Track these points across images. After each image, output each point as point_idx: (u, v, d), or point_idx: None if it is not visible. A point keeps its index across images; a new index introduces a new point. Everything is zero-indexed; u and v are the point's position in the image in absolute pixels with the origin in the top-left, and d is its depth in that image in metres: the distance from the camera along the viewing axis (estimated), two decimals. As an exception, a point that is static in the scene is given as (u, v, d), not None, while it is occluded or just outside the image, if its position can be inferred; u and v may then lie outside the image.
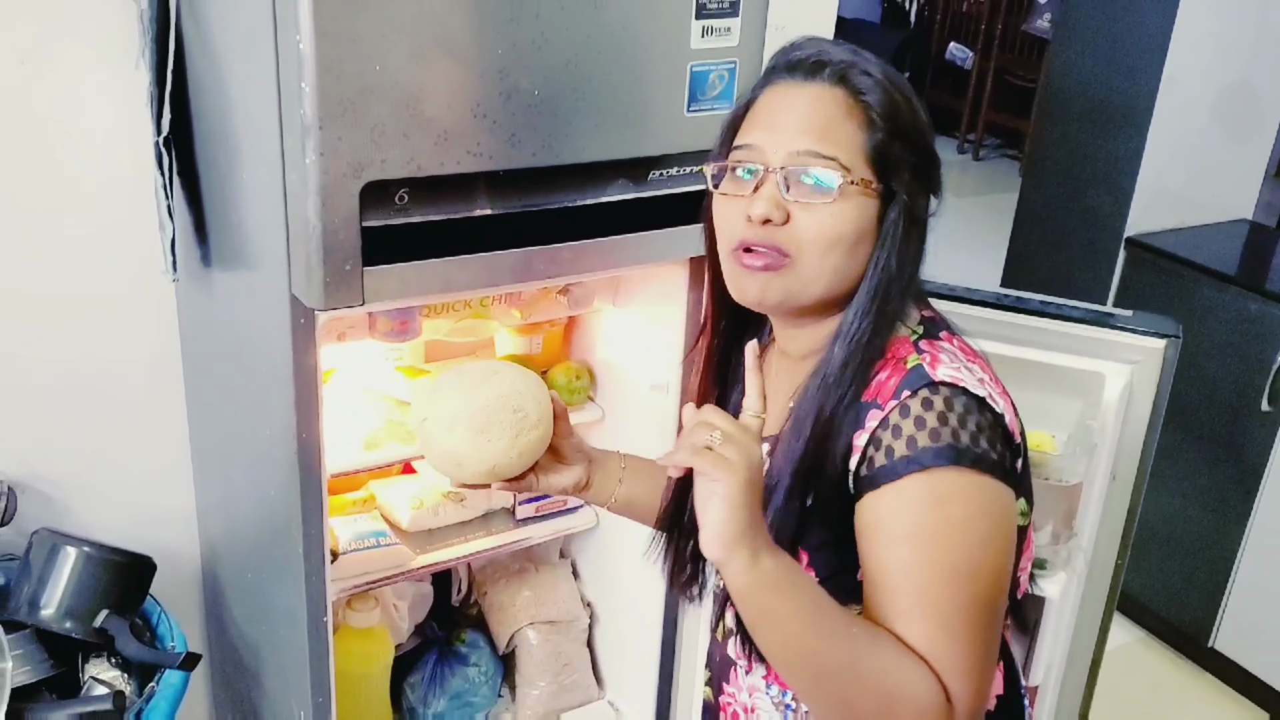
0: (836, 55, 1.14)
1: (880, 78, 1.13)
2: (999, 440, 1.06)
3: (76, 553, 1.79)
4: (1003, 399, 1.10)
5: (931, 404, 1.05)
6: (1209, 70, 2.91)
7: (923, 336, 1.14)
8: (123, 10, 1.72)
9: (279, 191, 1.40)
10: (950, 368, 1.08)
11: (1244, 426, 2.77)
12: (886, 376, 1.10)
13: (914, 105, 1.16)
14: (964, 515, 1.04)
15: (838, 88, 1.12)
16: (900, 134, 1.13)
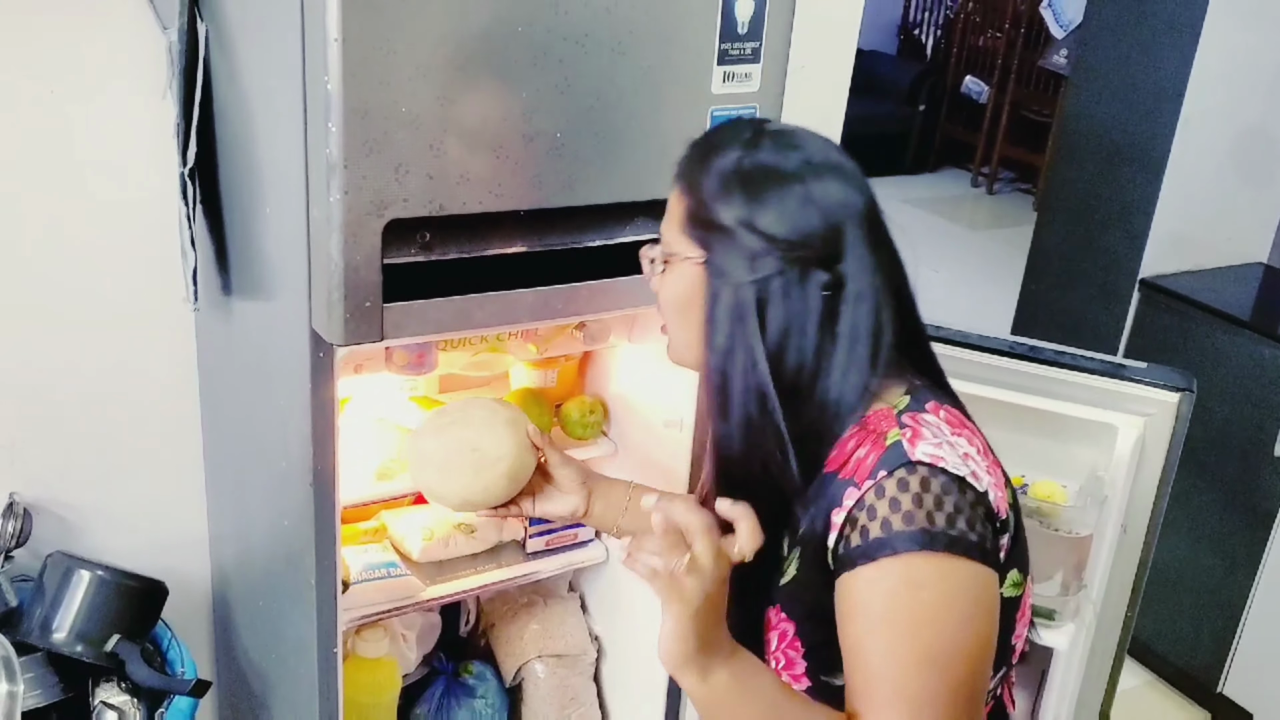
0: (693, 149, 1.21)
1: (712, 157, 1.15)
2: (979, 520, 1.05)
3: (90, 576, 1.80)
4: (990, 474, 1.09)
5: (907, 485, 1.05)
6: (1226, 113, 2.93)
7: (907, 409, 1.13)
8: (152, 41, 1.75)
9: (302, 227, 1.41)
10: (931, 445, 1.07)
11: (1255, 472, 2.76)
12: (865, 453, 1.10)
13: (726, 168, 1.14)
14: (939, 602, 1.03)
15: (680, 178, 1.21)
16: (709, 206, 1.14)
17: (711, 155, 1.16)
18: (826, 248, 1.10)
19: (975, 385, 1.61)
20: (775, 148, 1.13)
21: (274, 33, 1.42)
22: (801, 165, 1.12)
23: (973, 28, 7.49)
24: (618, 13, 1.42)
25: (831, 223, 1.10)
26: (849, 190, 1.12)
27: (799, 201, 1.10)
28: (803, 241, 1.10)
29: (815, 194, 1.10)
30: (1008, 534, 1.09)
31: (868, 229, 1.12)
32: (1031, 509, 1.54)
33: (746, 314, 1.12)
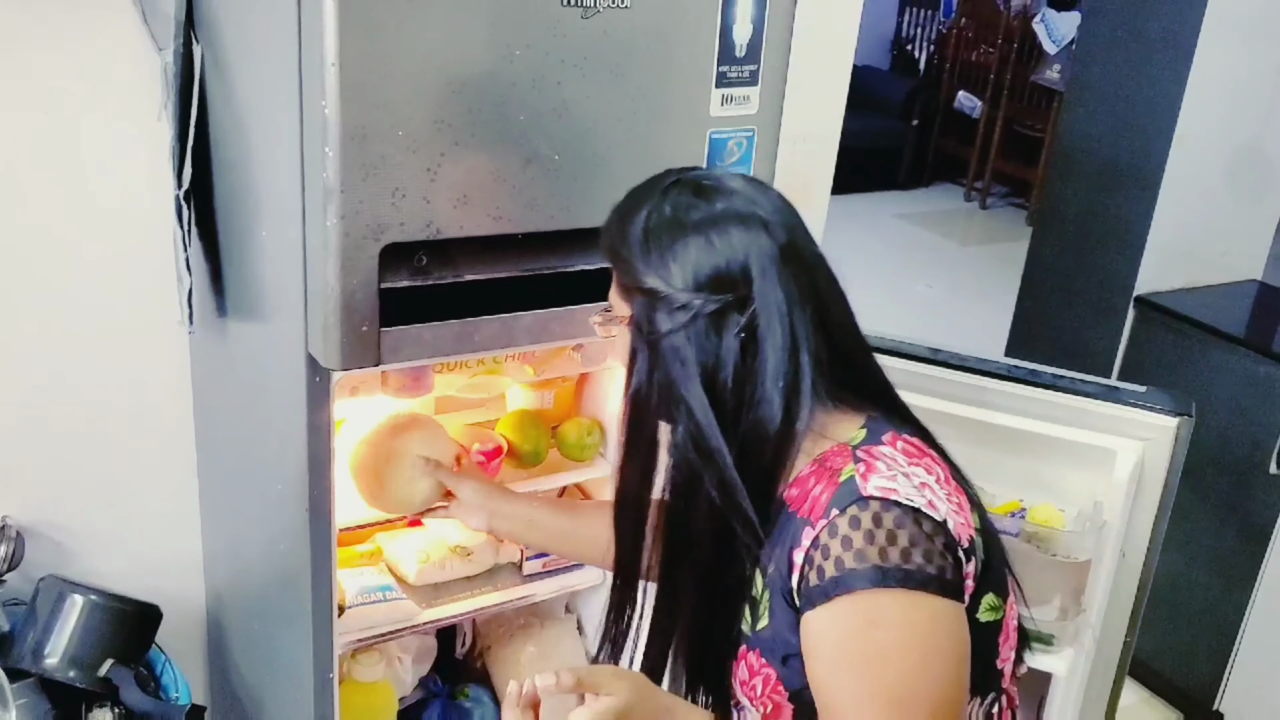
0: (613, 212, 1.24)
1: (626, 219, 1.19)
2: (938, 551, 1.04)
3: (83, 601, 1.79)
4: (949, 502, 1.08)
5: (859, 522, 1.05)
6: (1220, 130, 2.93)
7: (862, 443, 1.13)
8: (147, 62, 1.74)
9: (298, 251, 1.41)
10: (884, 478, 1.08)
11: (1252, 489, 2.76)
12: (820, 491, 1.11)
13: (636, 228, 1.17)
14: (897, 639, 1.04)
15: (602, 242, 1.25)
16: (625, 267, 1.18)
17: (625, 217, 1.19)
18: (737, 292, 1.12)
19: (974, 409, 1.61)
20: (681, 202, 1.15)
21: (270, 56, 1.42)
22: (704, 216, 1.14)
23: (965, 43, 7.51)
24: (615, 36, 1.42)
25: (738, 267, 1.12)
26: (756, 233, 1.13)
27: (702, 251, 1.12)
28: (711, 289, 1.12)
29: (718, 242, 1.12)
30: (974, 560, 1.09)
31: (782, 268, 1.12)
32: (1030, 534, 1.53)
33: (667, 365, 1.14)
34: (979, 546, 1.10)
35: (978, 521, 1.12)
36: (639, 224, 1.16)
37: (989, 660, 1.16)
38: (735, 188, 1.16)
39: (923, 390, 1.61)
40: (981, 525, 1.13)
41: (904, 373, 1.62)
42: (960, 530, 1.07)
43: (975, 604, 1.11)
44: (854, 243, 5.94)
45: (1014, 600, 1.21)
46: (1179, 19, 2.81)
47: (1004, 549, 1.20)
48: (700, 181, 1.17)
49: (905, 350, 1.63)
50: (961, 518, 1.09)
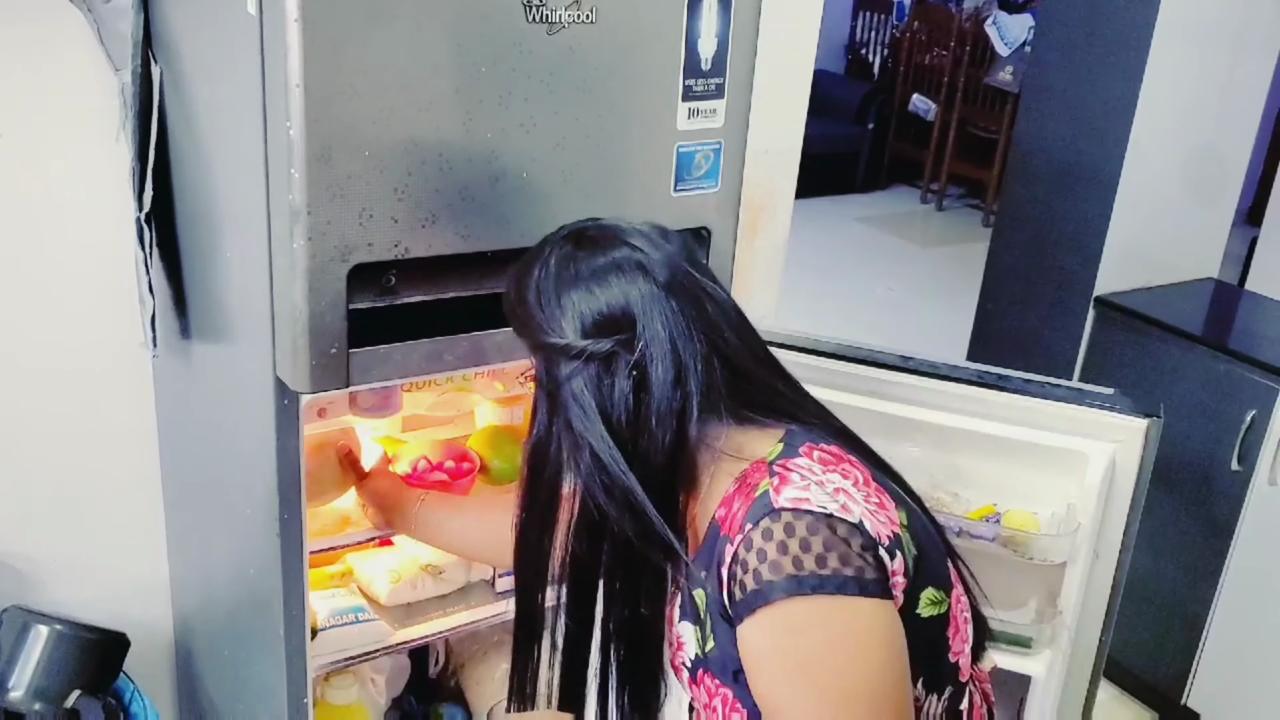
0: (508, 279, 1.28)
1: (519, 283, 1.23)
2: (854, 553, 1.06)
3: (48, 631, 1.76)
4: (865, 503, 1.10)
5: (771, 534, 1.08)
6: (1175, 132, 2.97)
7: (779, 456, 1.16)
8: (104, 83, 1.71)
9: (264, 273, 1.39)
10: (797, 488, 1.10)
11: (1214, 485, 2.80)
12: (738, 508, 1.14)
13: (527, 289, 1.21)
14: (822, 644, 1.06)
15: (504, 306, 1.29)
16: (523, 327, 1.23)
17: (518, 278, 1.24)
18: (624, 333, 1.16)
19: (944, 414, 1.61)
20: (563, 257, 1.20)
21: (232, 77, 1.40)
22: (585, 267, 1.18)
23: (919, 46, 7.57)
24: (581, 51, 1.42)
25: (620, 310, 1.16)
26: (634, 276, 1.17)
27: (585, 300, 1.17)
28: (599, 334, 1.16)
29: (598, 290, 1.17)
30: (900, 556, 1.10)
31: (665, 304, 1.16)
32: (1005, 538, 1.54)
33: (567, 411, 1.18)
34: (906, 542, 1.12)
35: (904, 518, 1.14)
36: (529, 284, 1.21)
37: (939, 654, 1.18)
38: (617, 235, 1.20)
39: (893, 398, 1.62)
40: (909, 522, 1.15)
41: (875, 380, 1.62)
42: (879, 529, 1.09)
43: (914, 600, 1.13)
44: (814, 246, 5.96)
45: (961, 593, 1.22)
46: (1132, 22, 2.85)
47: (945, 542, 1.23)
48: (583, 234, 1.22)
49: (876, 359, 1.64)
50: (882, 516, 1.11)
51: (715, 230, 1.63)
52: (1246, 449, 2.70)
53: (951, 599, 1.19)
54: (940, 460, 1.58)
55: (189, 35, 1.53)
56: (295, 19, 1.23)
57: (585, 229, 1.23)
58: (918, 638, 1.13)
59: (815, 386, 1.63)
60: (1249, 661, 2.82)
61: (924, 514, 1.22)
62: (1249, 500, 2.74)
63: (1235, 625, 2.83)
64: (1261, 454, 2.69)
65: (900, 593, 1.11)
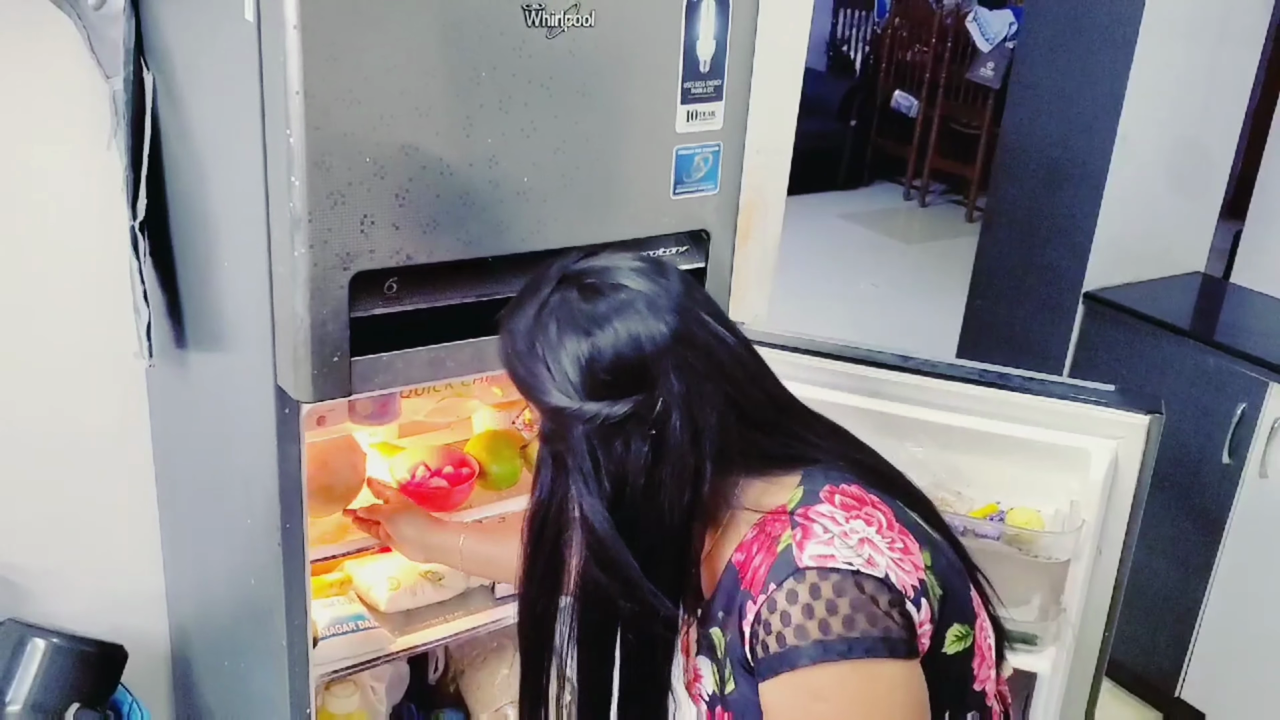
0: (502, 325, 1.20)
1: (506, 333, 1.16)
2: (881, 613, 1.04)
3: (45, 644, 1.75)
4: (890, 550, 1.07)
5: (796, 596, 1.05)
6: (1162, 127, 2.98)
7: (800, 503, 1.12)
8: (94, 91, 1.70)
9: (264, 282, 1.38)
10: (820, 543, 1.06)
11: (1205, 479, 2.81)
12: (760, 561, 1.10)
13: (527, 345, 1.13)
14: (842, 711, 1.04)
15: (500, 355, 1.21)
16: (514, 380, 1.17)
17: (515, 331, 1.15)
18: (638, 393, 1.09)
19: (945, 414, 1.61)
20: (566, 313, 1.11)
21: (229, 84, 1.39)
22: (591, 321, 1.10)
23: (900, 43, 7.59)
24: (581, 55, 1.41)
25: (633, 369, 1.09)
26: (647, 327, 1.09)
27: (595, 360, 1.09)
28: (611, 396, 1.09)
29: (609, 348, 1.09)
30: (927, 602, 1.08)
31: (678, 358, 1.10)
32: (1010, 536, 1.54)
33: (569, 478, 1.13)
34: (931, 586, 1.10)
35: (928, 558, 1.11)
36: (530, 339, 1.13)
37: (965, 686, 1.16)
38: (620, 280, 1.12)
39: (894, 397, 1.62)
40: (933, 562, 1.11)
41: (875, 380, 1.62)
42: (904, 580, 1.07)
43: (940, 639, 1.11)
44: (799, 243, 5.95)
45: (985, 620, 1.20)
46: (1119, 17, 2.86)
47: (969, 565, 1.20)
48: (583, 280, 1.13)
49: (875, 359, 1.64)
50: (907, 564, 1.08)
51: (714, 233, 1.63)
52: (1237, 442, 2.72)
53: (975, 629, 1.16)
54: (942, 459, 1.58)
55: (183, 42, 1.52)
56: (294, 25, 1.22)
57: (582, 273, 1.14)
58: (943, 676, 1.11)
59: (815, 387, 1.64)
60: (1242, 654, 2.83)
61: (947, 541, 1.19)
62: (1240, 493, 2.76)
63: (1228, 618, 2.84)
64: (1252, 447, 2.70)
65: (927, 639, 1.09)
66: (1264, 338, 2.87)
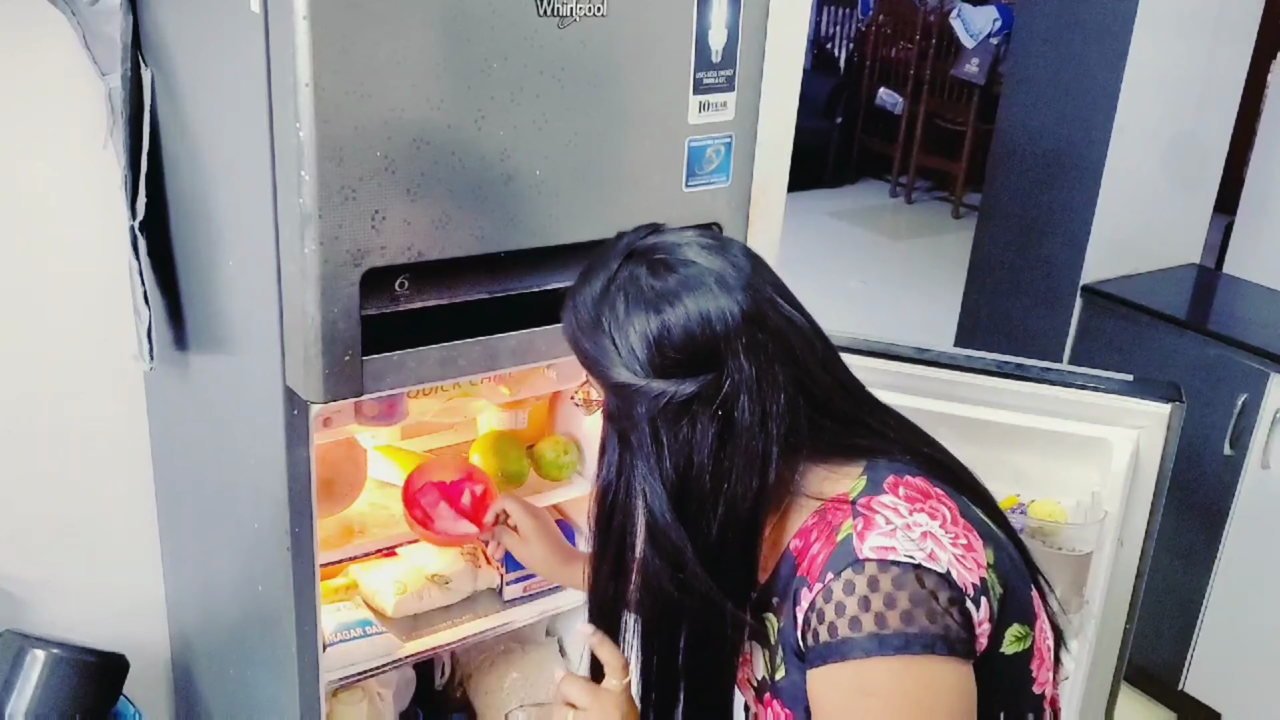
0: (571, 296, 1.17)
1: (571, 306, 1.14)
2: (940, 610, 1.01)
3: (46, 655, 1.71)
4: (953, 546, 1.05)
5: (853, 587, 1.02)
6: (1157, 119, 2.97)
7: (863, 493, 1.09)
8: (89, 88, 1.66)
9: (272, 280, 1.35)
10: (882, 534, 1.04)
11: (1207, 470, 2.80)
12: (819, 550, 1.07)
13: (593, 320, 1.11)
14: (891, 707, 1.01)
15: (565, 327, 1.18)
16: (578, 353, 1.15)
17: (581, 305, 1.12)
18: (706, 371, 1.06)
19: (964, 406, 1.60)
20: (634, 288, 1.09)
21: (233, 78, 1.36)
22: (661, 297, 1.07)
23: (884, 40, 7.59)
24: (593, 45, 1.38)
25: (704, 348, 1.06)
26: (718, 306, 1.07)
27: (665, 337, 1.06)
28: (680, 374, 1.06)
29: (679, 326, 1.06)
30: (987, 601, 1.05)
31: (749, 339, 1.07)
32: (1034, 529, 1.52)
33: (634, 458, 1.10)
34: (992, 584, 1.07)
35: (990, 556, 1.08)
36: (596, 314, 1.10)
37: (1022, 689, 1.13)
38: (690, 256, 1.09)
39: (914, 391, 1.60)
40: (995, 560, 1.08)
41: (894, 374, 1.60)
42: (965, 577, 1.04)
43: (998, 639, 1.08)
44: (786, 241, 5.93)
45: (1043, 621, 1.16)
46: (1113, 11, 2.85)
47: (1031, 566, 1.17)
48: (652, 256, 1.10)
49: (894, 352, 1.62)
50: (969, 561, 1.05)
51: (726, 226, 1.60)
52: (1238, 433, 2.71)
53: (1035, 630, 1.13)
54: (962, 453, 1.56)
55: (183, 36, 1.48)
56: (304, 16, 1.19)
57: (651, 248, 1.11)
58: (1000, 676, 1.08)
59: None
60: (1246, 646, 2.82)
61: (1010, 540, 1.16)
62: (1242, 484, 2.75)
63: (1231, 609, 2.84)
64: (1253, 438, 2.70)
65: (985, 638, 1.06)
66: (1263, 328, 2.87)
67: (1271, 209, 3.43)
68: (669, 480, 1.08)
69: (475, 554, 1.97)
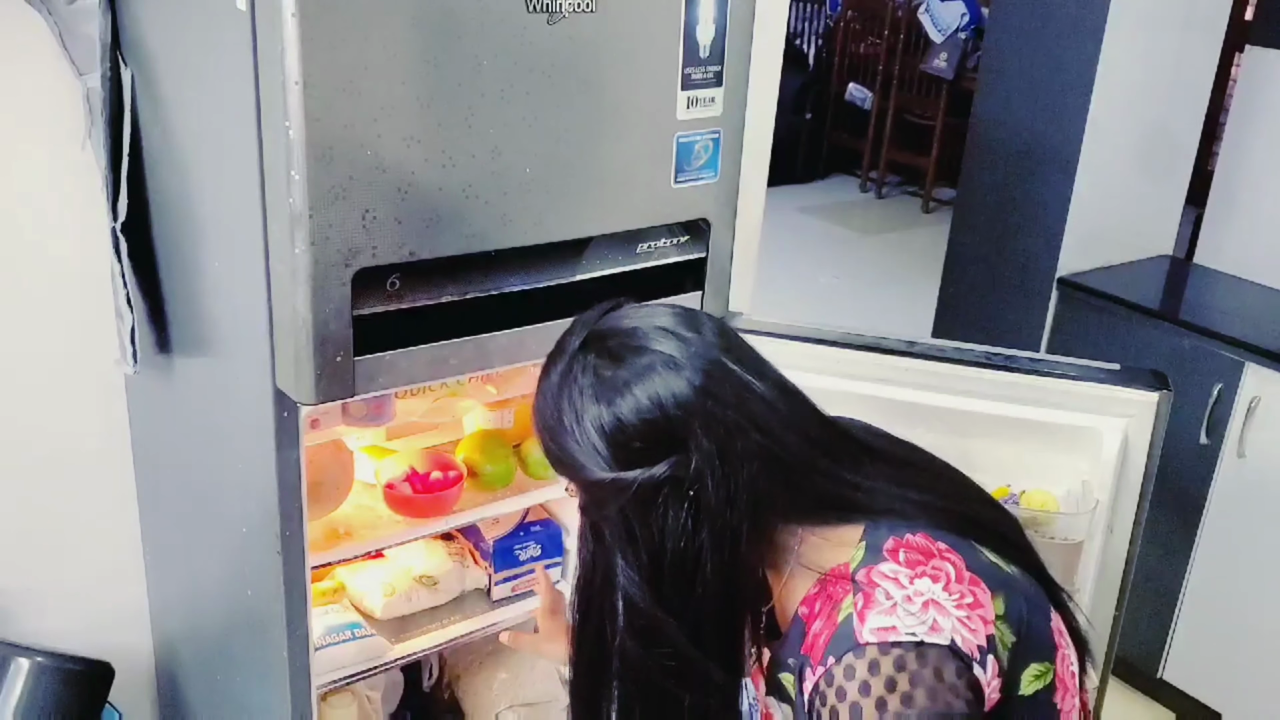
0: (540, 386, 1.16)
1: (539, 400, 1.13)
2: (945, 687, 1.00)
3: (29, 664, 1.69)
4: (957, 609, 1.03)
5: (854, 672, 1.01)
6: (1130, 112, 2.99)
7: (862, 563, 1.08)
8: (66, 89, 1.64)
9: (260, 281, 1.33)
10: (883, 612, 1.03)
11: (1183, 460, 2.82)
12: (821, 627, 1.07)
13: (558, 414, 1.09)
14: None
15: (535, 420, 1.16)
16: (548, 453, 1.13)
17: (547, 399, 1.12)
18: (672, 454, 1.06)
19: (953, 398, 1.60)
20: (590, 382, 1.08)
21: (218, 77, 1.34)
22: (621, 385, 1.07)
23: (853, 35, 7.60)
24: (582, 41, 1.38)
25: (661, 430, 1.06)
26: (669, 385, 1.06)
27: (627, 426, 1.06)
28: (641, 459, 1.06)
29: (638, 414, 1.05)
30: (994, 657, 1.04)
31: (706, 412, 1.06)
32: (1027, 519, 1.53)
33: (610, 549, 1.10)
34: (1002, 636, 1.06)
35: (1000, 606, 1.06)
36: (557, 410, 1.09)
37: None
38: (641, 342, 1.09)
39: (903, 383, 1.61)
40: (1006, 608, 1.06)
41: (884, 366, 1.61)
42: (971, 640, 1.03)
43: (1014, 683, 1.07)
44: (759, 238, 5.97)
45: (1065, 649, 1.14)
46: (1087, 4, 2.86)
47: (1048, 586, 1.17)
48: (606, 343, 1.09)
49: (882, 345, 1.62)
50: (975, 620, 1.04)
51: (714, 222, 1.60)
52: (1214, 422, 2.74)
53: (1056, 660, 1.11)
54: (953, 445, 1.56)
55: (165, 35, 1.47)
56: (292, 13, 1.18)
57: (604, 334, 1.11)
58: (1019, 717, 1.07)
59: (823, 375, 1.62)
60: (1223, 633, 2.85)
61: (1025, 566, 1.15)
62: (1218, 474, 2.77)
63: (1208, 598, 2.86)
64: (1229, 427, 2.72)
65: (996, 692, 1.05)
66: (1237, 318, 2.89)
67: (1240, 200, 3.46)
68: (645, 570, 1.08)
69: (463, 554, 1.96)
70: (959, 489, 1.22)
